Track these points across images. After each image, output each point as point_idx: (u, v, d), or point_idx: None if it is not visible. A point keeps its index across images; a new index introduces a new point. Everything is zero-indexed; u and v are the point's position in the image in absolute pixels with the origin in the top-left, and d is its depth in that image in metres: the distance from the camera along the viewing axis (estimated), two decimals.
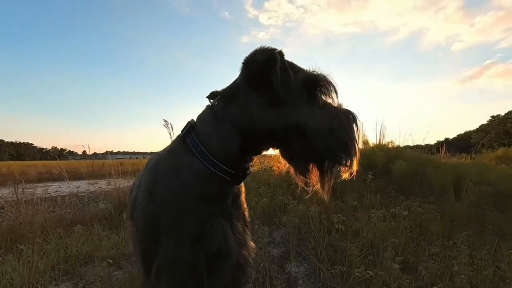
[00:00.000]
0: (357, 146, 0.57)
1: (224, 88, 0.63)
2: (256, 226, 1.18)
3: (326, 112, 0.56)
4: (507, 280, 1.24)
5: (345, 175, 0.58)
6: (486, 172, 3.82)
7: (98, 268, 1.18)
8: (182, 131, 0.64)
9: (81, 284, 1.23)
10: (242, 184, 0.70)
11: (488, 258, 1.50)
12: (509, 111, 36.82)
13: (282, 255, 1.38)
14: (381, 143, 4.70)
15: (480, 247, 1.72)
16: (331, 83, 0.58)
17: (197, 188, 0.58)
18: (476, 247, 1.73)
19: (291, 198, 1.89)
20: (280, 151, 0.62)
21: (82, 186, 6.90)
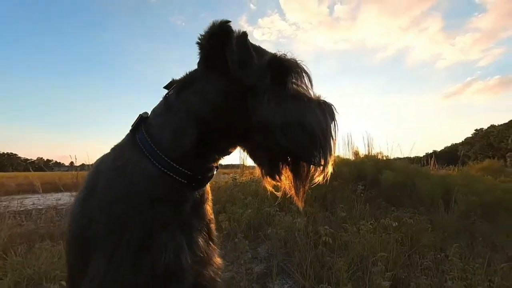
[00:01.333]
0: (333, 143, 0.49)
1: (182, 76, 0.54)
2: (236, 240, 1.07)
3: (298, 103, 0.47)
4: None
5: (319, 178, 0.49)
6: (473, 184, 3.87)
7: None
8: (132, 125, 0.54)
9: None
10: (208, 190, 0.60)
11: (482, 272, 1.43)
12: (491, 125, 38.60)
13: (265, 272, 1.26)
14: (370, 153, 4.72)
15: (473, 260, 1.67)
16: (304, 69, 0.50)
17: (144, 192, 0.48)
18: (468, 260, 1.67)
19: (278, 209, 1.80)
20: (246, 149, 0.53)
21: (64, 198, 6.55)
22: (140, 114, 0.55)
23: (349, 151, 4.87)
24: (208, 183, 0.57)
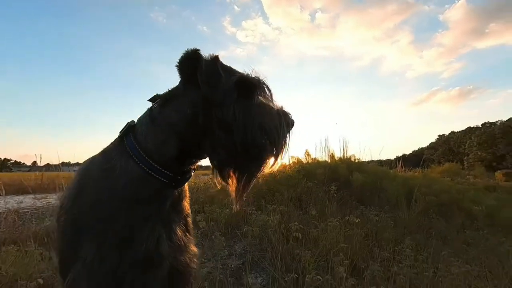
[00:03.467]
0: (286, 142, 0.58)
1: (169, 90, 0.63)
2: (213, 236, 1.14)
3: (260, 110, 0.56)
4: (440, 279, 1.38)
5: (270, 168, 0.59)
6: (432, 185, 4.27)
7: None
8: (120, 132, 0.61)
9: None
10: (186, 188, 0.68)
11: (429, 260, 1.65)
12: (451, 132, 42.48)
13: (240, 267, 1.35)
14: (345, 156, 5.02)
15: (425, 251, 1.89)
16: (266, 85, 0.60)
17: (130, 191, 0.55)
18: (421, 251, 1.89)
19: (254, 209, 1.90)
20: (207, 153, 0.60)
21: (26, 201, 6.08)
22: (128, 123, 0.63)
23: (325, 154, 5.14)
24: (186, 183, 0.65)
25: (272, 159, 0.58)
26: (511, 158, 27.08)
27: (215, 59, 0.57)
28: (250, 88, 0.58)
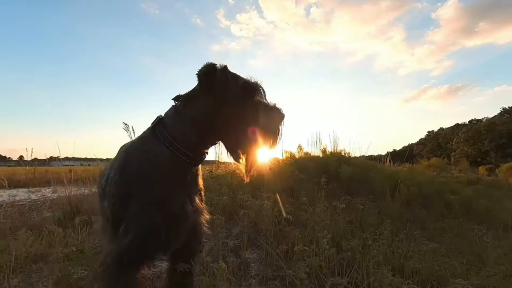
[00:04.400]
0: (279, 132, 0.76)
1: (186, 92, 0.81)
2: (214, 217, 1.31)
3: (258, 107, 0.74)
4: (410, 254, 1.60)
5: (269, 150, 0.77)
6: (416, 177, 4.54)
7: (53, 265, 1.17)
8: (152, 123, 0.80)
9: (35, 280, 1.20)
10: (200, 168, 0.87)
11: (404, 239, 1.88)
12: (440, 128, 43.66)
13: (238, 245, 1.53)
14: (335, 151, 5.24)
15: (401, 234, 2.12)
16: (262, 87, 0.78)
17: (162, 167, 0.74)
18: (398, 234, 2.11)
19: (250, 196, 2.07)
20: (222, 141, 0.80)
21: (20, 194, 6.08)
22: (157, 116, 0.81)
23: (317, 148, 5.35)
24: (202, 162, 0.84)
25: (270, 143, 0.76)
26: (494, 154, 28.21)
27: (225, 68, 0.75)
28: (251, 90, 0.76)
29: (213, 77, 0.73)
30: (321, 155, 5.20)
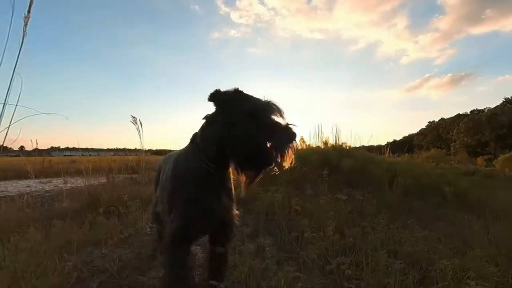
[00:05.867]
0: (290, 153, 0.81)
1: (211, 113, 0.96)
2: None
3: (267, 128, 0.80)
4: (403, 240, 1.82)
5: (277, 170, 0.83)
6: (414, 169, 4.72)
7: (105, 249, 1.39)
8: (190, 140, 1.03)
9: (90, 259, 1.42)
10: (230, 172, 1.06)
11: (399, 227, 2.10)
12: (441, 118, 43.37)
13: (253, 232, 1.75)
14: (337, 143, 5.42)
15: (397, 222, 2.33)
16: (275, 106, 0.84)
17: (197, 174, 0.96)
18: (394, 223, 2.33)
19: (261, 189, 2.28)
20: (230, 155, 0.89)
21: (33, 185, 6.30)
22: (194, 133, 1.02)
23: (319, 141, 5.52)
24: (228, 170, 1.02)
25: (277, 162, 0.80)
26: (494, 144, 28.32)
27: (235, 90, 0.90)
28: (260, 111, 0.83)
29: (221, 100, 0.87)
30: (322, 147, 5.36)
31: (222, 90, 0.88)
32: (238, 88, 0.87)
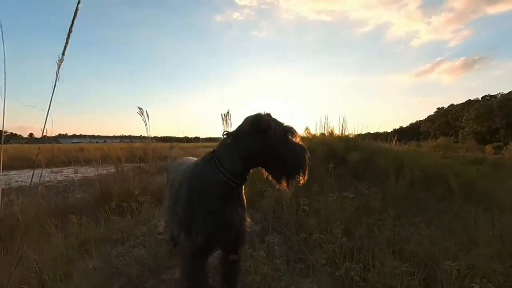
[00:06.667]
0: (307, 167, 1.01)
1: (234, 130, 1.04)
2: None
3: (293, 148, 0.99)
4: (409, 237, 1.85)
5: (301, 182, 1.04)
6: (421, 160, 4.66)
7: (122, 248, 1.46)
8: (208, 154, 1.06)
9: (109, 259, 1.50)
10: (243, 187, 1.13)
11: (405, 225, 2.12)
12: (450, 104, 42.05)
13: (262, 231, 1.81)
14: (343, 134, 5.36)
15: (403, 219, 2.35)
16: (295, 130, 1.02)
17: (217, 189, 1.00)
18: (400, 219, 2.35)
19: (268, 186, 2.31)
20: (266, 169, 1.06)
21: (46, 175, 6.46)
22: (211, 150, 1.06)
23: (325, 131, 5.47)
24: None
25: (301, 174, 1.02)
26: (504, 132, 27.60)
27: (269, 115, 1.00)
28: (288, 133, 1.01)
29: (261, 124, 0.95)
30: (328, 138, 5.30)
31: (261, 115, 0.98)
32: (270, 114, 1.00)
